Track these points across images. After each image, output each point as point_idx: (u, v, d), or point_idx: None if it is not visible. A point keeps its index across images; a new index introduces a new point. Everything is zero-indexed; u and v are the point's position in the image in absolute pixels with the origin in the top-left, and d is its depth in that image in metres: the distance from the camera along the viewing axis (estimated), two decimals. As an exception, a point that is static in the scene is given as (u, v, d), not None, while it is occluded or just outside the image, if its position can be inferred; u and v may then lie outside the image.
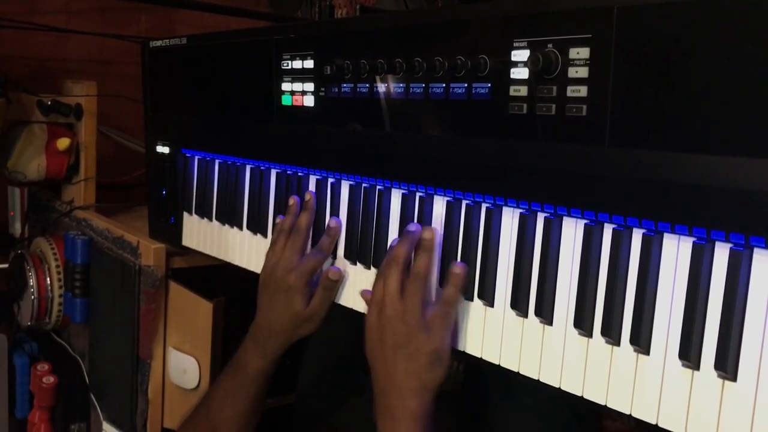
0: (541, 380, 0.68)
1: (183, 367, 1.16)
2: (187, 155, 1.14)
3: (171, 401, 1.22)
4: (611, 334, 0.62)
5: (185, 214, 1.16)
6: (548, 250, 0.67)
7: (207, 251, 1.12)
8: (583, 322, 0.64)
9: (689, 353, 0.57)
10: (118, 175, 1.61)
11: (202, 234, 1.13)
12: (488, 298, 0.72)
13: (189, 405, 1.11)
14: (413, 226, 0.77)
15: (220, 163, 1.08)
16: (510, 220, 0.71)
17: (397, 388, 0.73)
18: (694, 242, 0.57)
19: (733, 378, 0.55)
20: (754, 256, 0.54)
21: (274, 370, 0.92)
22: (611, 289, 0.62)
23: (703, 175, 0.55)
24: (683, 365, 0.58)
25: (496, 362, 0.72)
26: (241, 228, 1.04)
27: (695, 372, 0.57)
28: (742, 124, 0.52)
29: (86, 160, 1.45)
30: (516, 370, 0.70)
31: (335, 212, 0.90)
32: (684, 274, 0.58)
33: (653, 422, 0.59)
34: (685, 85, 0.55)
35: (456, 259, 0.75)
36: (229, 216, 1.06)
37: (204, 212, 1.11)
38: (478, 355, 0.73)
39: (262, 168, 1.00)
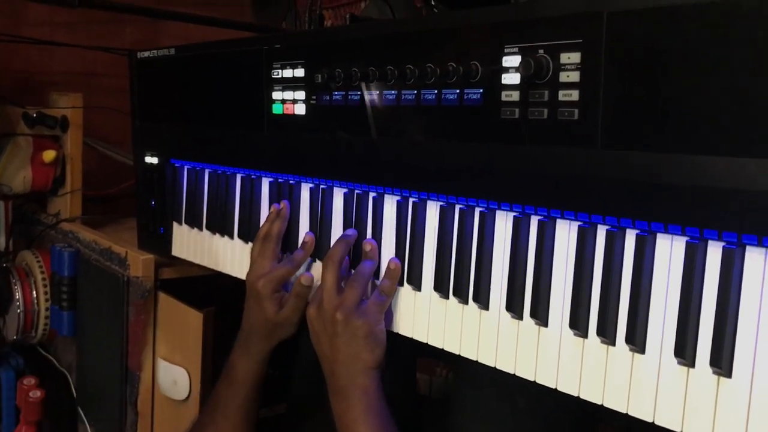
0: (537, 382, 0.68)
1: (173, 378, 1.16)
2: (177, 165, 1.14)
3: (161, 413, 1.21)
4: (606, 334, 0.63)
5: (175, 224, 1.15)
6: (543, 252, 0.68)
7: (197, 261, 1.12)
8: (578, 323, 0.65)
9: (684, 351, 0.57)
10: (103, 187, 1.60)
11: (192, 244, 1.13)
12: (483, 302, 0.73)
13: (179, 416, 1.10)
14: (350, 231, 0.85)
15: (210, 172, 1.08)
16: (504, 223, 0.71)
17: (344, 370, 0.80)
18: (687, 241, 0.58)
19: (728, 374, 0.56)
20: (747, 254, 0.55)
21: (263, 372, 0.93)
22: (606, 289, 0.63)
23: (695, 175, 0.56)
24: (679, 363, 0.58)
25: (492, 365, 0.72)
26: (232, 237, 1.04)
27: (691, 369, 0.58)
28: (732, 124, 0.53)
29: (72, 172, 1.45)
30: (512, 372, 0.70)
31: (328, 220, 0.90)
32: (678, 273, 0.58)
33: (650, 420, 0.60)
34: (675, 87, 0.56)
35: (450, 263, 0.76)
36: (220, 225, 1.06)
37: (194, 222, 1.11)
38: (474, 359, 0.74)
39: (253, 176, 1.00)
